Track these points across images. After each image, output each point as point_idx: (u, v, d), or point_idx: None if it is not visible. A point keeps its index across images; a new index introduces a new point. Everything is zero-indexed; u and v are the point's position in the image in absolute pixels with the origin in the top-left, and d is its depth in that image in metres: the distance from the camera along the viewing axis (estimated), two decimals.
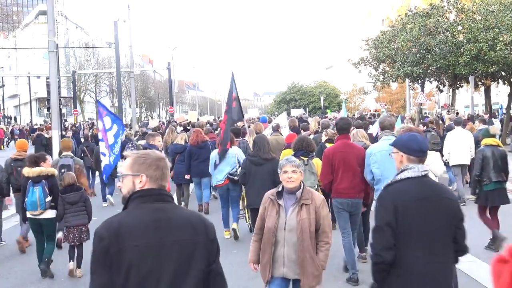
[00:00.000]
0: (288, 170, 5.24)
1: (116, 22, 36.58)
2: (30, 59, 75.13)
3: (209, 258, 3.04)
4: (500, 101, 48.12)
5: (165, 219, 2.98)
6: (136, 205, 3.02)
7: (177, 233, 2.97)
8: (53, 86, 17.69)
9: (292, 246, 5.12)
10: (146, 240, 2.89)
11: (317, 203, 5.22)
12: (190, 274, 2.95)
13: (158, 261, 2.89)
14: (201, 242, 3.02)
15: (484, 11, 28.53)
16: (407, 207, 3.89)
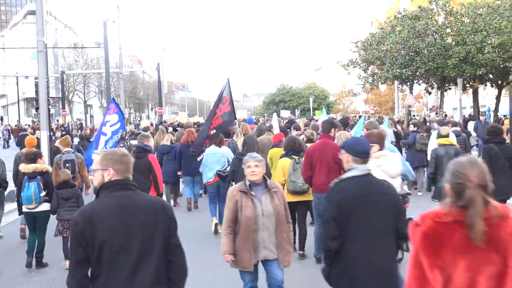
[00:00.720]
0: (251, 164, 5.92)
1: (105, 22, 36.44)
2: (18, 59, 74.65)
3: (168, 234, 3.68)
4: (488, 103, 48.45)
5: (130, 204, 3.62)
6: (105, 194, 3.64)
7: (141, 215, 3.60)
8: (42, 86, 17.59)
9: (270, 230, 5.78)
10: (114, 223, 3.51)
11: (281, 191, 6.07)
12: (154, 247, 3.57)
13: (126, 239, 3.50)
14: (161, 221, 3.65)
15: (473, 14, 28.74)
16: (350, 203, 4.53)
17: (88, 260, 3.52)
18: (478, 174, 3.04)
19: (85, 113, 79.53)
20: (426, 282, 2.94)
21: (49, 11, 76.41)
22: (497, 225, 2.97)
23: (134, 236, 3.54)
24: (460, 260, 2.95)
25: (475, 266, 2.95)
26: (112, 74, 48.33)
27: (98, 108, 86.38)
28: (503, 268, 2.96)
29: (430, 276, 2.94)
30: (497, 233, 2.96)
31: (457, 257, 2.95)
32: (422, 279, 2.96)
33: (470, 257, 2.95)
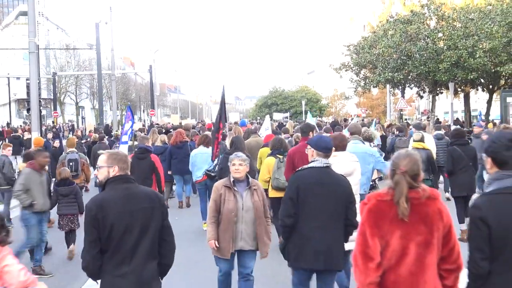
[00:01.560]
0: (236, 163, 6.51)
1: (98, 24, 36.42)
2: (9, 60, 74.24)
3: (162, 217, 4.58)
4: (479, 107, 48.67)
5: (131, 194, 4.50)
6: (112, 186, 4.49)
7: (140, 203, 4.49)
8: (33, 87, 17.55)
9: (248, 223, 6.40)
10: (121, 209, 4.40)
11: (261, 188, 6.72)
12: (150, 228, 4.49)
13: (130, 221, 4.40)
14: (156, 208, 4.55)
15: (464, 19, 28.91)
16: (306, 188, 5.38)
17: (100, 239, 4.35)
18: (406, 164, 3.81)
19: (76, 114, 79.25)
20: (367, 247, 3.75)
21: (41, 12, 76.20)
22: (425, 204, 3.79)
23: (136, 219, 4.44)
24: (395, 230, 3.75)
25: (407, 235, 3.75)
26: (104, 75, 48.17)
27: (90, 109, 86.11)
28: (429, 237, 3.76)
29: (371, 242, 3.74)
30: (425, 210, 3.78)
31: (393, 228, 3.75)
32: (365, 245, 3.77)
33: (403, 228, 3.74)
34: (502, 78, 31.57)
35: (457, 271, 3.86)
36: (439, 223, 3.79)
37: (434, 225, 3.78)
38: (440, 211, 3.83)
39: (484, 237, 3.53)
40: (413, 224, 3.74)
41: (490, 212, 3.55)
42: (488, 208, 3.56)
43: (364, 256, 3.76)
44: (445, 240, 3.82)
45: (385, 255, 3.75)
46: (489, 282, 3.55)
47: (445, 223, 3.82)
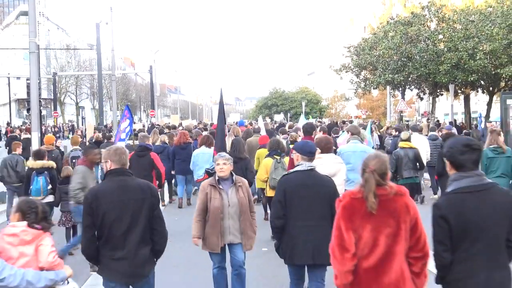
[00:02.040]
0: (220, 163, 6.87)
1: (98, 24, 36.42)
2: (10, 60, 74.31)
3: (152, 208, 5.12)
4: (479, 109, 48.66)
5: (125, 186, 5.06)
6: (109, 178, 5.13)
7: (132, 194, 5.05)
8: (33, 87, 17.53)
9: (234, 218, 6.78)
10: (113, 199, 4.97)
11: (246, 184, 7.07)
12: (141, 217, 5.02)
13: (121, 211, 4.96)
14: (147, 198, 5.09)
15: (465, 21, 28.90)
16: (292, 191, 5.82)
17: (94, 225, 4.98)
18: (375, 163, 4.27)
19: (77, 114, 79.30)
20: (343, 240, 4.23)
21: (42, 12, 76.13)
22: (393, 200, 4.26)
23: (127, 209, 4.99)
24: (366, 224, 4.22)
25: (377, 228, 4.22)
26: (104, 76, 48.21)
27: (90, 110, 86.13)
28: (397, 229, 4.22)
29: (346, 235, 4.23)
30: (393, 205, 4.24)
31: (365, 222, 4.22)
32: (341, 238, 4.25)
33: (373, 222, 4.22)
34: (502, 80, 31.57)
35: (424, 258, 4.30)
36: (406, 217, 4.26)
37: (401, 218, 4.25)
38: (407, 206, 4.31)
39: (445, 233, 4.01)
40: (382, 218, 4.23)
41: (449, 210, 4.03)
42: (447, 207, 4.05)
43: (341, 248, 4.26)
44: (412, 231, 4.28)
45: (358, 246, 4.24)
46: (453, 270, 4.05)
47: (411, 216, 4.28)
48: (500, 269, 4.09)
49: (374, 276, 4.24)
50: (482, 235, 4.03)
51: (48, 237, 4.57)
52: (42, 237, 4.49)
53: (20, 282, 4.15)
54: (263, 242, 9.75)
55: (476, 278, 4.03)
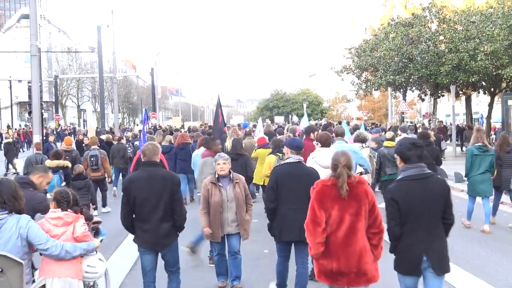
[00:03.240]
0: (220, 162, 7.81)
1: (100, 27, 36.44)
2: (11, 63, 74.41)
3: (172, 193, 6.49)
4: (481, 110, 48.66)
5: (152, 175, 6.49)
6: (141, 168, 6.64)
7: (157, 181, 6.46)
8: (35, 90, 17.60)
9: (232, 211, 7.74)
10: (142, 184, 6.44)
11: (243, 181, 7.97)
12: (163, 199, 6.42)
13: (147, 194, 6.40)
14: (168, 186, 6.48)
15: (466, 22, 28.88)
16: (282, 179, 6.93)
17: (129, 203, 6.46)
18: (344, 160, 5.44)
19: (78, 117, 79.40)
20: (316, 216, 5.41)
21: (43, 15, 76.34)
22: (355, 187, 5.44)
23: (152, 193, 6.42)
24: (335, 205, 5.39)
25: (343, 208, 5.38)
26: (106, 78, 48.31)
27: (92, 112, 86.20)
28: (359, 210, 5.39)
29: (318, 213, 5.40)
30: (356, 191, 5.42)
31: (333, 203, 5.39)
32: (314, 215, 5.42)
33: (340, 203, 5.39)
34: (504, 81, 31.53)
35: (380, 233, 5.44)
36: (365, 200, 5.43)
37: (362, 201, 5.41)
38: (366, 192, 5.48)
39: (395, 211, 5.22)
40: (347, 201, 5.38)
41: (398, 193, 5.25)
42: (397, 191, 5.28)
43: (314, 223, 5.41)
44: (370, 212, 5.44)
45: (328, 223, 5.39)
46: (401, 241, 5.27)
47: (370, 200, 5.45)
48: (438, 239, 5.28)
49: (342, 247, 5.36)
50: (423, 213, 5.21)
51: (81, 218, 5.75)
52: (78, 217, 5.69)
53: (60, 252, 5.33)
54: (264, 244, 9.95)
55: (419, 246, 5.22)
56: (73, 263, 5.47)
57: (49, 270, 5.39)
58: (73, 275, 5.45)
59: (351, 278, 5.35)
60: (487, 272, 8.56)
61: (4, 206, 5.17)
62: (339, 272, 5.35)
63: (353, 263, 5.31)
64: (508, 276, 8.39)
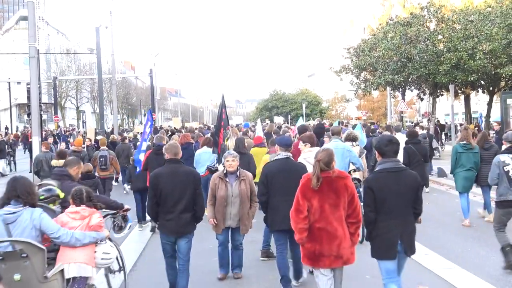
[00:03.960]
0: (229, 159, 8.37)
1: (98, 28, 36.36)
2: (10, 65, 74.36)
3: (194, 187, 7.25)
4: (480, 109, 48.66)
5: (175, 171, 7.26)
6: (165, 165, 7.38)
7: (180, 177, 7.22)
8: (34, 92, 17.59)
9: (235, 206, 8.30)
10: (167, 180, 7.17)
11: (249, 178, 8.55)
12: (186, 193, 7.17)
13: (172, 188, 7.14)
14: (190, 180, 7.25)
15: (464, 21, 28.87)
16: (273, 175, 7.63)
17: (156, 196, 7.20)
18: (321, 155, 6.03)
19: (77, 119, 79.33)
20: (299, 205, 6.05)
21: (42, 17, 76.36)
22: (335, 180, 6.02)
23: (176, 187, 7.18)
24: (316, 196, 6.00)
25: (323, 199, 5.99)
26: (104, 80, 48.24)
27: (91, 114, 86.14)
28: (337, 201, 6.00)
29: (301, 202, 6.03)
30: (335, 184, 6.01)
31: (315, 195, 6.00)
32: (298, 204, 6.06)
33: (320, 195, 6.00)
34: (502, 79, 31.53)
35: (358, 223, 6.08)
36: (344, 193, 6.01)
37: (340, 194, 6.01)
38: (346, 185, 6.06)
39: (371, 199, 5.92)
40: (327, 193, 6.00)
41: (374, 183, 5.96)
42: (373, 181, 6.01)
43: (297, 211, 6.05)
44: (349, 204, 5.99)
45: (311, 212, 6.02)
46: (376, 227, 5.96)
47: (349, 193, 6.02)
48: (410, 226, 6.04)
49: (324, 233, 5.99)
50: (397, 203, 5.87)
51: (97, 213, 6.43)
52: (94, 212, 6.36)
53: (70, 239, 5.84)
54: None
55: (395, 232, 5.91)
56: (86, 250, 6.04)
57: (66, 256, 5.94)
58: (86, 261, 6.01)
59: (331, 260, 5.94)
60: (486, 272, 8.56)
61: (19, 200, 5.70)
62: (320, 254, 6.00)
63: (333, 247, 5.90)
64: (508, 275, 8.39)
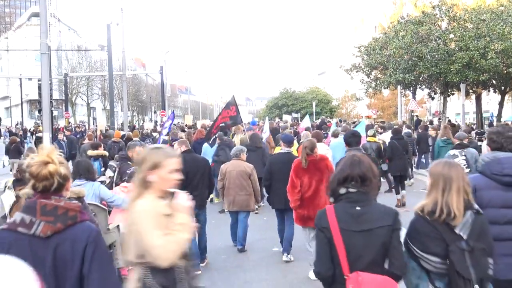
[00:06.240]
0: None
1: (109, 25, 36.48)
2: (22, 61, 74.86)
3: (208, 171, 9.38)
4: (491, 109, 48.40)
5: (194, 159, 9.26)
6: (183, 155, 7.11)
7: (198, 163, 9.23)
8: (45, 88, 17.66)
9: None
10: (190, 164, 8.56)
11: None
12: (204, 176, 9.14)
13: (194, 171, 8.94)
14: (207, 165, 9.52)
15: (476, 20, 28.70)
16: (275, 165, 9.53)
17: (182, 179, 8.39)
18: (307, 143, 8.57)
19: (88, 115, 79.66)
20: (293, 182, 8.42)
21: (53, 14, 76.67)
22: (318, 162, 8.43)
23: (197, 170, 8.98)
24: (305, 175, 8.40)
25: (310, 176, 8.38)
26: (115, 76, 48.29)
27: (101, 110, 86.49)
28: (321, 177, 8.28)
29: (295, 180, 8.41)
30: (318, 164, 8.42)
31: (304, 173, 8.39)
32: (292, 181, 8.45)
33: (308, 173, 8.38)
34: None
35: None
36: (325, 170, 8.31)
37: (323, 172, 8.33)
38: (327, 165, 8.46)
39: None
40: (313, 171, 8.38)
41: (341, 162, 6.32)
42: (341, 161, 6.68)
43: (292, 187, 8.44)
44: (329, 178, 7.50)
45: (302, 186, 8.36)
46: None
47: (329, 170, 8.14)
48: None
49: (311, 201, 8.28)
50: None
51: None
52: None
53: (122, 202, 7.42)
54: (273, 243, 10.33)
55: None
56: None
57: (117, 217, 7.48)
58: None
59: None
60: None
61: (82, 177, 7.50)
62: (308, 217, 8.11)
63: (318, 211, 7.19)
64: None
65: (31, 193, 3.22)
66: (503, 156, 4.53)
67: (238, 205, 10.15)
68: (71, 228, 3.13)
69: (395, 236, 3.75)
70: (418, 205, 3.95)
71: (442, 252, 3.72)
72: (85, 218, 3.22)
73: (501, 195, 4.40)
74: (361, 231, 3.70)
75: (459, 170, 3.93)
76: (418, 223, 3.87)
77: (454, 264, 3.65)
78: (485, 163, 4.59)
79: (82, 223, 3.18)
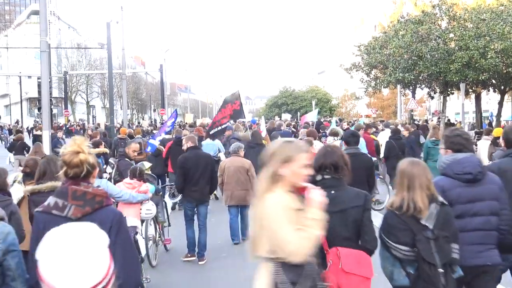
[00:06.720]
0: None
1: (109, 23, 36.45)
2: (21, 59, 74.68)
3: (212, 166, 9.73)
4: (491, 108, 48.40)
5: (197, 155, 9.67)
6: (190, 151, 9.61)
7: (201, 159, 9.57)
8: (44, 86, 17.65)
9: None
10: (192, 160, 9.46)
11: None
12: (206, 172, 9.48)
13: (196, 167, 9.40)
14: (210, 162, 9.74)
15: (476, 19, 28.72)
16: None
17: (184, 174, 9.37)
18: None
19: (87, 113, 79.65)
20: None
21: (53, 12, 76.49)
22: None
23: (199, 166, 9.33)
24: None
25: None
26: (115, 75, 48.30)
27: (101, 108, 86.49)
28: None
29: None
30: None
31: None
32: None
33: None
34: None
35: None
36: None
37: None
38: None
39: None
40: None
41: None
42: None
43: None
44: None
45: None
46: None
47: None
48: None
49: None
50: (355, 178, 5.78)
51: (145, 184, 8.68)
52: (142, 184, 8.63)
53: (129, 197, 8.01)
54: None
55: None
56: (134, 208, 8.31)
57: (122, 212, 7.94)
58: (134, 216, 8.18)
59: None
60: None
61: None
62: None
63: None
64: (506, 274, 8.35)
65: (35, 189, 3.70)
66: (462, 156, 4.94)
67: (236, 199, 10.43)
68: (98, 211, 3.51)
69: (366, 215, 4.32)
70: (389, 201, 4.51)
71: (410, 241, 4.19)
72: (109, 203, 3.66)
73: (465, 192, 4.79)
74: (337, 212, 4.14)
75: (420, 167, 4.46)
76: (389, 217, 4.38)
77: (420, 251, 4.14)
78: (446, 165, 5.00)
79: (108, 207, 3.60)
